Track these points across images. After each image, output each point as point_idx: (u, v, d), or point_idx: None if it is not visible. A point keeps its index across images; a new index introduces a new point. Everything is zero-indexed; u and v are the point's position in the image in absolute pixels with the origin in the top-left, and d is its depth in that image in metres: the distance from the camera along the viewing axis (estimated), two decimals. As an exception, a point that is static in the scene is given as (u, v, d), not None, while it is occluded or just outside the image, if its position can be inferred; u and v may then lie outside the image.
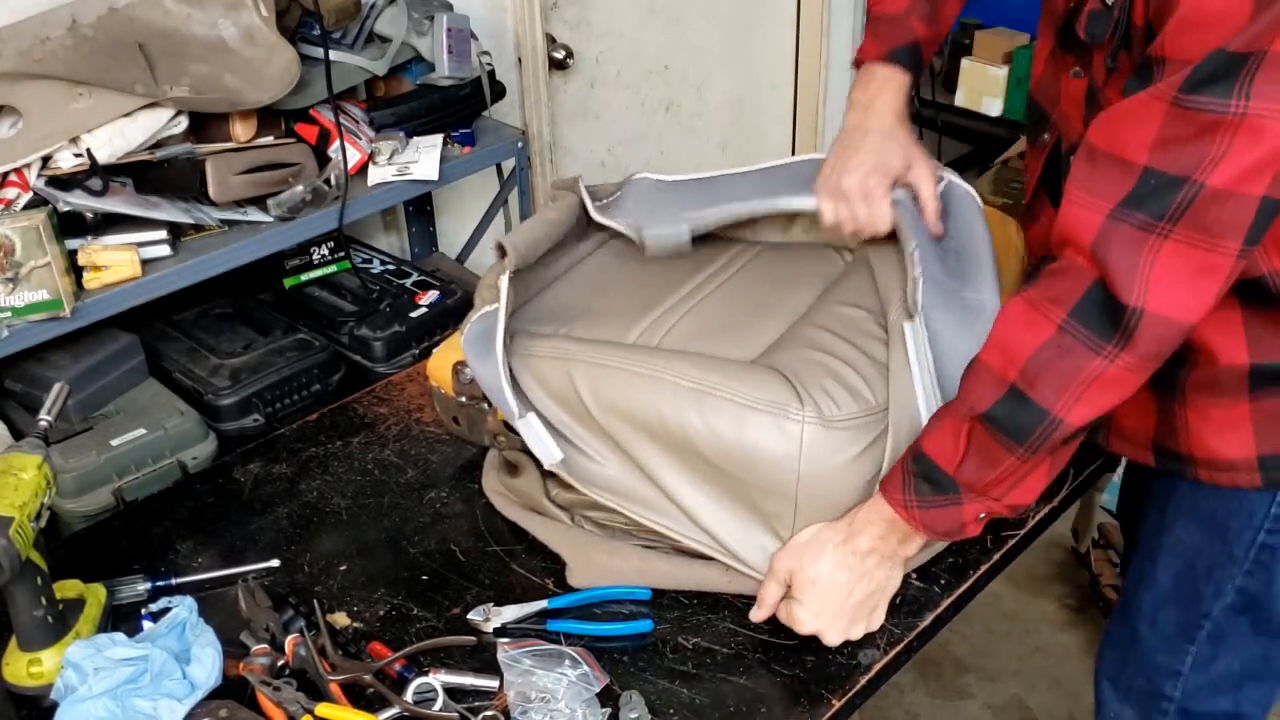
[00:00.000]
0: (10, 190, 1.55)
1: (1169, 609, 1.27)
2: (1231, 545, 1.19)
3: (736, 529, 1.14)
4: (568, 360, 1.15)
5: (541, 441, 1.14)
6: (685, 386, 1.09)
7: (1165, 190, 0.90)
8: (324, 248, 1.97)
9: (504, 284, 1.18)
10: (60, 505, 1.52)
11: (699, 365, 1.12)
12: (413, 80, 1.95)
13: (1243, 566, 1.19)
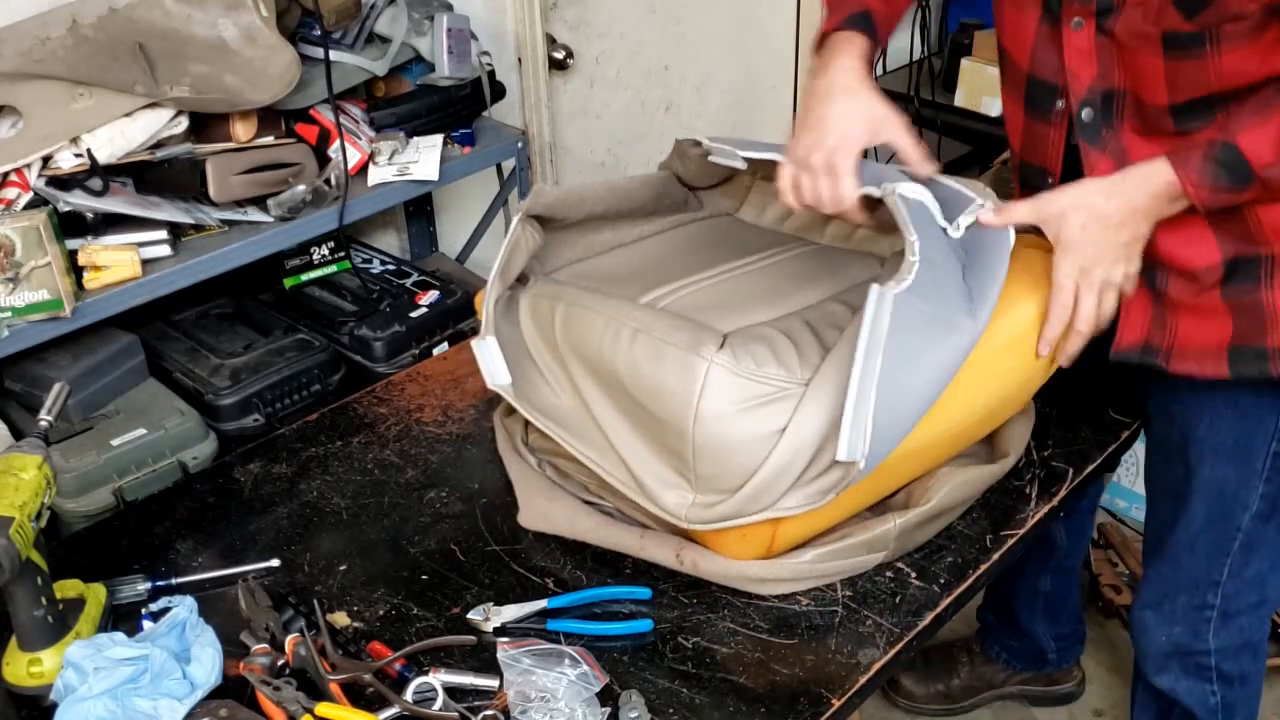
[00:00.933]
0: (10, 190, 1.55)
1: (1206, 534, 1.41)
2: (1253, 462, 1.34)
3: (649, 464, 1.16)
4: (556, 299, 1.24)
5: (490, 364, 1.24)
6: (629, 327, 1.15)
7: None
8: (324, 248, 1.97)
9: (515, 221, 1.28)
10: (60, 505, 1.52)
11: (653, 316, 1.17)
12: (413, 80, 1.96)
13: (1263, 477, 1.34)
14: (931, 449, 1.22)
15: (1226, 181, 1.13)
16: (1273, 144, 1.10)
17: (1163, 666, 1.53)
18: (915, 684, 2.01)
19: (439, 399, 1.55)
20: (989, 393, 1.22)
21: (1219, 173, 1.12)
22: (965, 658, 2.02)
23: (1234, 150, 1.12)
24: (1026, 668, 2.01)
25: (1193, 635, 1.48)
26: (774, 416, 1.08)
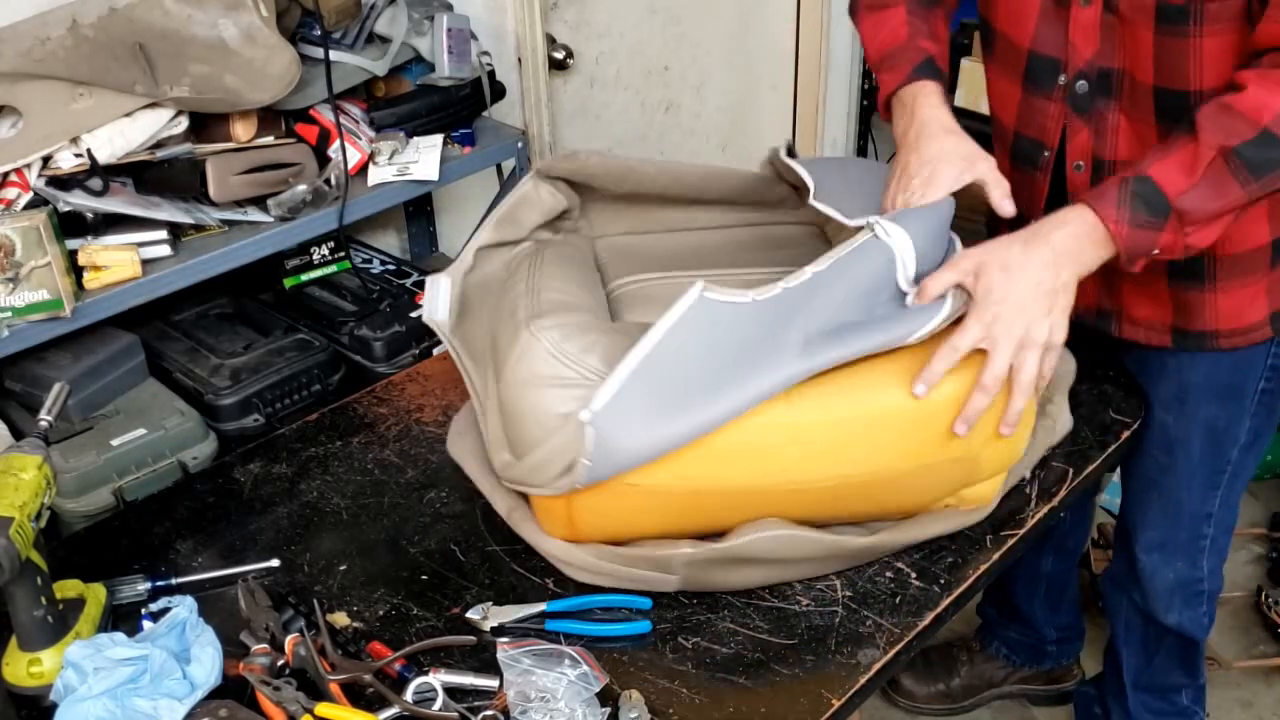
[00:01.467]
0: (10, 190, 1.55)
1: (1202, 469, 1.51)
2: (1244, 401, 1.46)
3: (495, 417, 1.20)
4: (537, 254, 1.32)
5: (433, 299, 1.30)
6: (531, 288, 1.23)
7: None
8: (324, 248, 1.97)
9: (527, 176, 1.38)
10: (60, 505, 1.52)
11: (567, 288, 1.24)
12: (413, 80, 1.95)
13: (1250, 412, 1.47)
14: (762, 495, 1.15)
15: (1145, 215, 1.14)
16: (1183, 170, 1.14)
17: (1169, 605, 1.62)
18: (915, 684, 2.01)
19: (439, 399, 1.55)
20: (849, 460, 1.13)
21: (1136, 205, 1.14)
22: (965, 656, 2.02)
23: (1148, 181, 1.14)
24: (1026, 662, 2.02)
25: (1191, 566, 1.60)
26: (568, 401, 1.09)
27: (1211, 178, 1.13)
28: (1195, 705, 1.79)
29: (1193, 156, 1.13)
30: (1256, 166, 1.12)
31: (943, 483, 1.21)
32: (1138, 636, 1.73)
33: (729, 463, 1.11)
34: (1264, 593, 2.24)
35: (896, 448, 1.14)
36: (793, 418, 1.10)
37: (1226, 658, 2.08)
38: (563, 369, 1.11)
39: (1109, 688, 1.83)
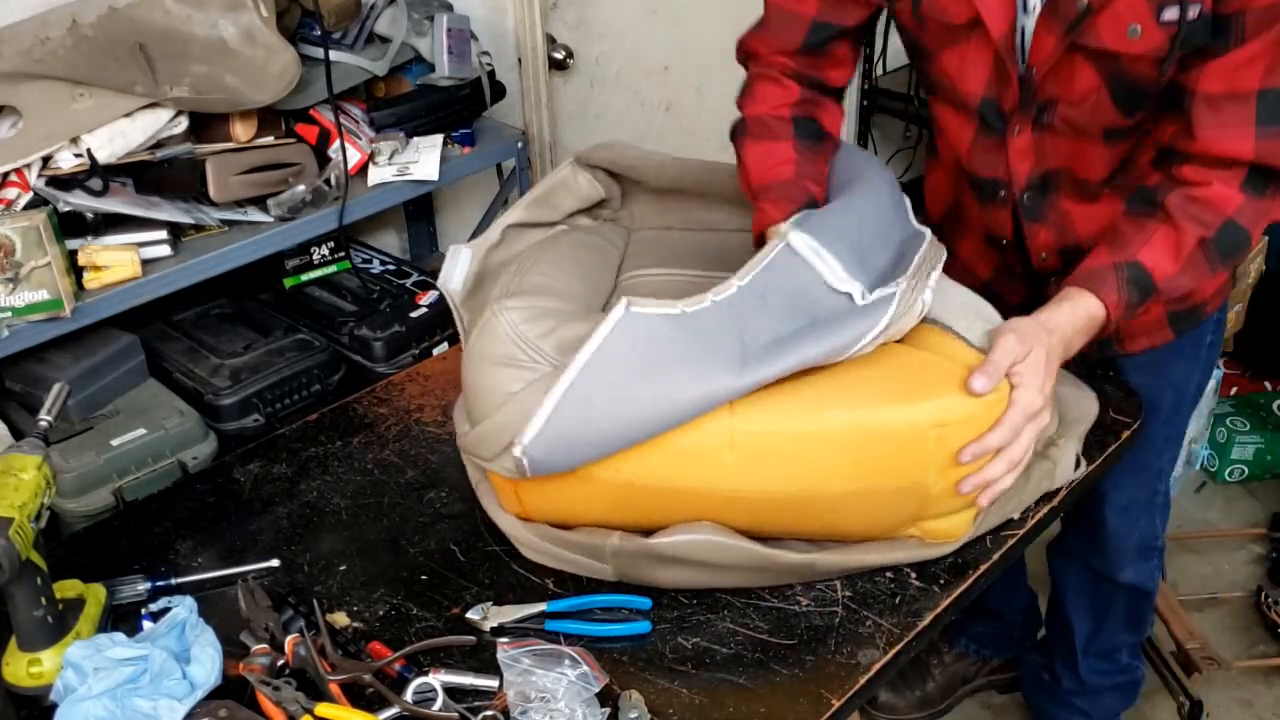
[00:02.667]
0: (10, 190, 1.55)
1: (1165, 429, 1.58)
2: (1199, 356, 1.55)
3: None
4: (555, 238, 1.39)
5: (451, 268, 1.32)
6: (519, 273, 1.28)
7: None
8: (324, 248, 1.97)
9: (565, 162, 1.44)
10: (60, 505, 1.52)
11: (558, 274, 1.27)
12: (413, 80, 1.96)
13: (1200, 366, 1.57)
14: (699, 498, 1.13)
15: (1137, 297, 1.22)
16: (1170, 257, 1.21)
17: (1128, 562, 1.70)
18: (894, 696, 2.03)
19: (439, 399, 1.55)
20: (786, 474, 1.11)
21: (1131, 290, 1.21)
22: (935, 660, 2.05)
23: (1138, 267, 1.22)
24: (996, 653, 2.06)
25: (1150, 524, 1.69)
26: (515, 382, 1.11)
27: (1192, 264, 1.22)
28: (1134, 660, 1.87)
29: (1176, 244, 1.21)
30: (1225, 253, 1.22)
31: (892, 510, 1.16)
32: (1087, 603, 1.78)
33: (664, 462, 1.11)
34: (1264, 593, 2.24)
35: (836, 468, 1.11)
36: (731, 425, 1.09)
37: (1227, 658, 2.08)
38: (516, 350, 1.12)
39: (1058, 654, 1.88)
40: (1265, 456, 2.60)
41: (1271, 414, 2.65)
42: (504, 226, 1.37)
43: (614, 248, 1.44)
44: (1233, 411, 2.64)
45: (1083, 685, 1.86)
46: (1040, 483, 1.27)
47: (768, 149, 1.35)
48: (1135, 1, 1.15)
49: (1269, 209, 1.21)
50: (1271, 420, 2.63)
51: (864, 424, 1.10)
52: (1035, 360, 1.14)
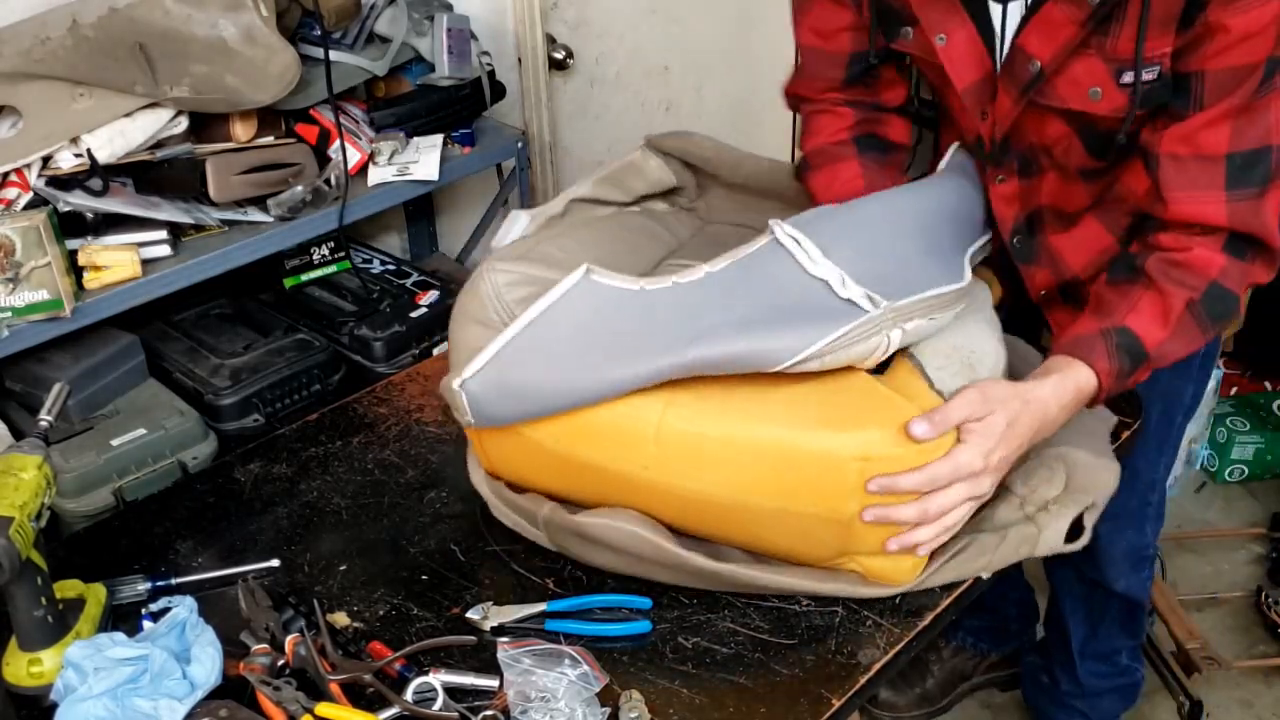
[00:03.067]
0: (10, 190, 1.55)
1: (1154, 438, 1.55)
2: (1191, 365, 1.51)
3: None
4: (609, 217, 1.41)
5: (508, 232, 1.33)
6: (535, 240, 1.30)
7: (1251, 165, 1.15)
8: (324, 248, 1.97)
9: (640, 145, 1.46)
10: (60, 505, 1.52)
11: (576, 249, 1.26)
12: (413, 80, 1.95)
13: (1194, 377, 1.57)
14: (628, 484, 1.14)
15: (1128, 365, 1.19)
16: (1158, 323, 1.19)
17: (1120, 572, 1.69)
18: (895, 695, 2.03)
19: (439, 399, 1.54)
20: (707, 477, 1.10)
21: (1122, 357, 1.18)
22: (934, 656, 2.05)
23: (1128, 333, 1.19)
24: (993, 647, 2.06)
25: (1138, 533, 1.68)
26: (481, 339, 1.12)
27: (1182, 328, 1.19)
28: (1134, 663, 1.87)
29: (1164, 309, 1.18)
30: (1215, 316, 1.20)
31: (815, 536, 1.13)
32: (1083, 607, 1.78)
33: (595, 439, 1.12)
34: (1264, 593, 2.24)
35: (756, 481, 1.09)
36: (661, 416, 1.09)
37: (1227, 658, 2.08)
38: (489, 311, 1.14)
39: (1056, 657, 1.88)
40: (1265, 456, 2.60)
41: (1271, 414, 2.65)
42: (569, 200, 1.38)
43: (670, 235, 1.43)
44: (1233, 411, 2.64)
45: (1081, 688, 1.86)
46: (1019, 547, 1.18)
47: (833, 173, 1.36)
48: (1092, 65, 1.16)
49: (1250, 271, 1.20)
50: (1271, 420, 2.63)
51: (787, 442, 1.07)
52: (992, 423, 1.08)
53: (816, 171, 1.38)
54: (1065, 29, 1.15)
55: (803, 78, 1.42)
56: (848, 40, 1.34)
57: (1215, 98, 1.13)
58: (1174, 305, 1.19)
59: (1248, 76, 1.11)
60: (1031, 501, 1.21)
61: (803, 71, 1.41)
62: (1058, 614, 1.83)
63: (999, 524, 1.19)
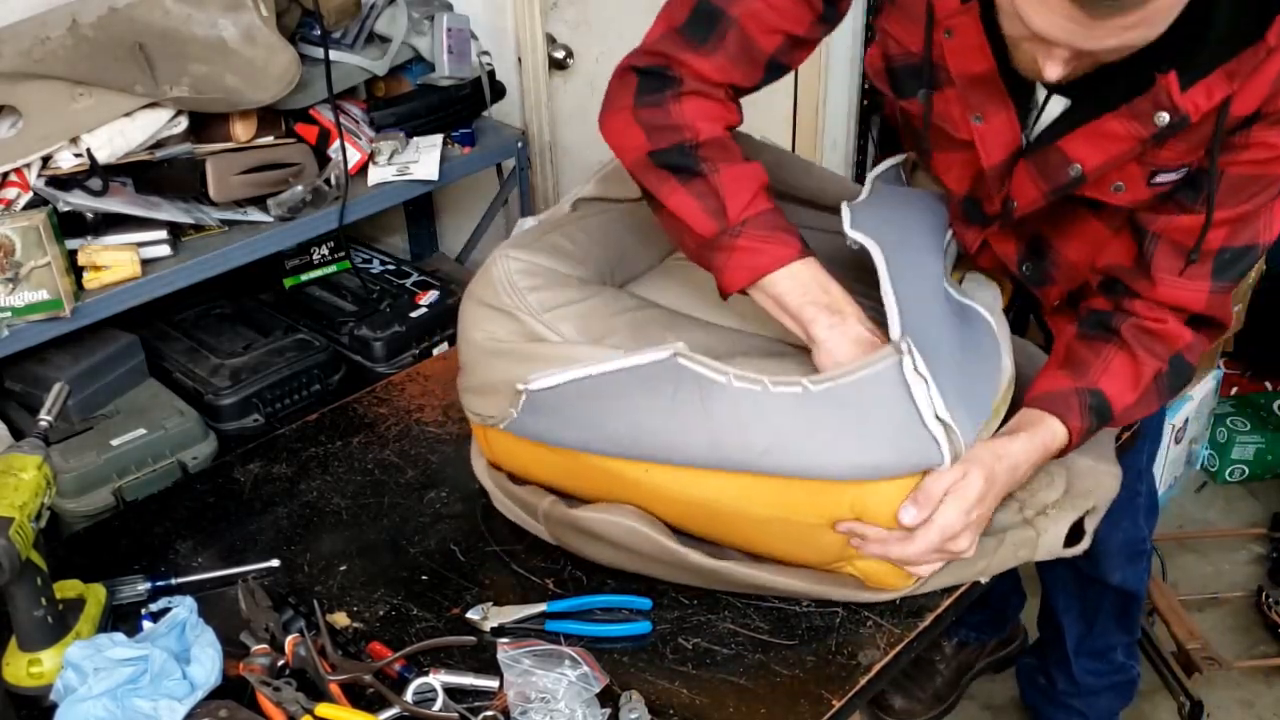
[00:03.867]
0: (10, 190, 1.55)
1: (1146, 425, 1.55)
2: None
3: None
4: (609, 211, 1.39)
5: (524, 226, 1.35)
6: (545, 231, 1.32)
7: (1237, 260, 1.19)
8: (324, 248, 1.97)
9: None
10: (60, 505, 1.52)
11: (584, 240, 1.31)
12: (413, 80, 1.95)
13: None
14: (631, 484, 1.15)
15: (1095, 424, 1.22)
16: (1129, 387, 1.22)
17: (1115, 564, 1.69)
18: (908, 700, 2.04)
19: (439, 399, 1.55)
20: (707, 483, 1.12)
21: (1092, 417, 1.21)
22: (938, 655, 2.06)
23: (1099, 395, 1.21)
24: (991, 635, 2.08)
25: (1133, 526, 1.67)
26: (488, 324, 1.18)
27: (1146, 395, 1.23)
28: (1130, 659, 1.87)
29: (1135, 375, 1.22)
30: (1174, 387, 1.25)
31: (814, 543, 1.14)
32: (1077, 604, 1.78)
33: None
34: (1264, 593, 2.24)
35: (757, 494, 1.10)
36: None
37: (1227, 658, 2.08)
38: (502, 296, 1.17)
39: (1051, 657, 1.89)
40: (1265, 456, 2.60)
41: (1271, 414, 2.65)
42: (575, 199, 1.39)
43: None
44: (1233, 411, 2.64)
45: (1078, 686, 1.86)
46: (1017, 551, 1.20)
47: (745, 173, 1.16)
48: (1129, 169, 1.16)
49: (1204, 345, 1.25)
50: (1271, 420, 2.63)
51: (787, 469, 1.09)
52: (969, 484, 1.09)
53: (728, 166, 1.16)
54: (1122, 144, 1.13)
55: (711, 57, 1.18)
56: (775, 42, 1.19)
57: (1230, 200, 1.14)
58: (1144, 373, 1.22)
59: (1267, 187, 1.14)
60: (1031, 505, 1.21)
61: (716, 50, 1.17)
62: (1051, 612, 1.83)
63: (998, 528, 1.19)
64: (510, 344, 1.18)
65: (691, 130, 1.16)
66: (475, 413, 1.24)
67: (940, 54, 1.17)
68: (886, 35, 1.24)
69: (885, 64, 1.26)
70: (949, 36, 1.14)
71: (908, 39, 1.21)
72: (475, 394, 1.24)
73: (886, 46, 1.25)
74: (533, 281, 1.18)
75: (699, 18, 1.19)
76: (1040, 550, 1.20)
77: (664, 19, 1.25)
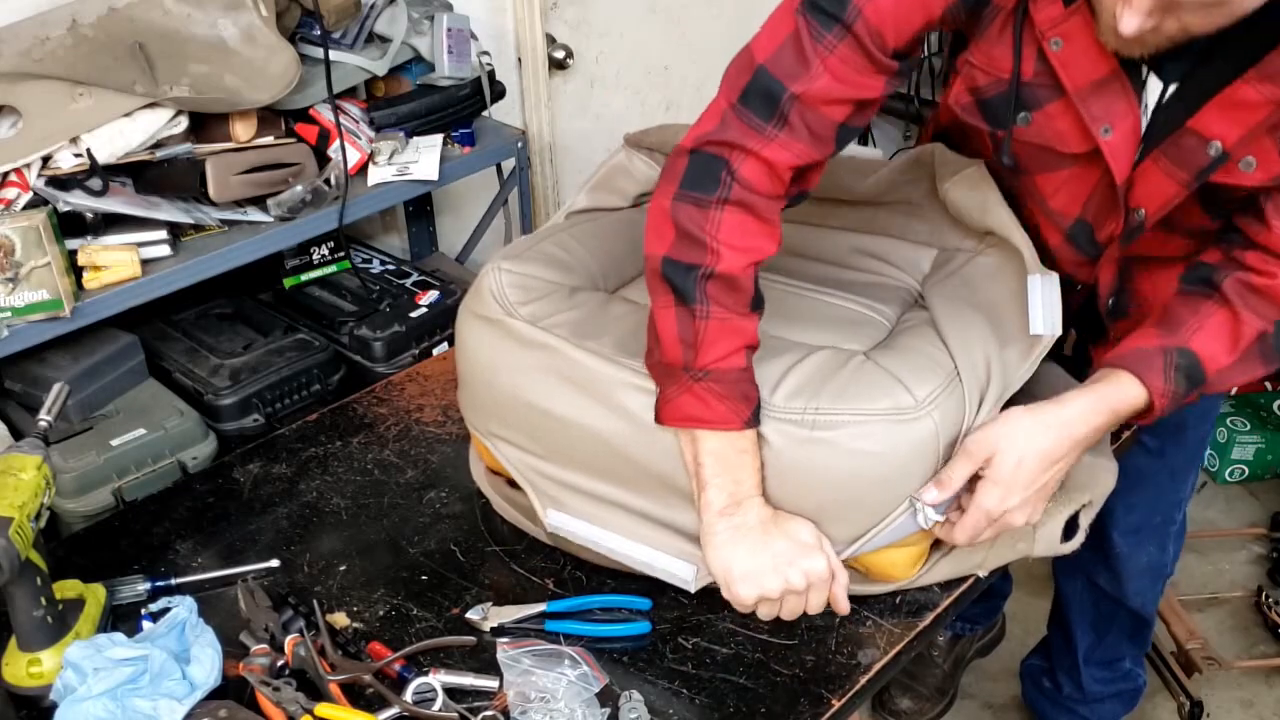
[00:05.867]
0: (10, 190, 1.55)
1: (1185, 450, 1.54)
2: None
3: None
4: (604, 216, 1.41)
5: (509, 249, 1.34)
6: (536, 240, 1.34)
7: None
8: (324, 248, 1.97)
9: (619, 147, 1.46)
10: (60, 505, 1.52)
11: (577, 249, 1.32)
12: (413, 80, 1.95)
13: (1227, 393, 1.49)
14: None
15: (1185, 387, 1.13)
16: (1226, 348, 1.13)
17: (1137, 587, 1.67)
18: (914, 700, 2.04)
19: (439, 399, 1.55)
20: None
21: (1179, 380, 1.12)
22: (936, 652, 2.05)
23: (1190, 355, 1.13)
24: (981, 623, 2.09)
25: (1160, 551, 1.65)
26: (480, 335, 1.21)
27: (1247, 357, 1.14)
28: (1137, 667, 1.87)
29: (1235, 334, 1.13)
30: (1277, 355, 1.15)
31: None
32: (1090, 616, 1.77)
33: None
34: (1264, 593, 2.24)
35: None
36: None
37: (1227, 658, 2.08)
38: (493, 307, 1.20)
39: (1059, 662, 1.88)
40: (1265, 456, 2.60)
41: (1271, 414, 2.65)
42: (569, 212, 1.40)
43: None
44: (1233, 411, 2.64)
45: (1084, 693, 1.86)
46: (1016, 545, 1.19)
47: (730, 327, 1.08)
48: (1261, 141, 1.07)
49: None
50: (1271, 420, 2.63)
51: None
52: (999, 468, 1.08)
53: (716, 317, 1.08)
54: (1259, 111, 1.05)
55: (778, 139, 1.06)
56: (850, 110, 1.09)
57: None
58: (1245, 333, 1.13)
59: None
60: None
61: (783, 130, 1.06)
62: (1064, 620, 1.82)
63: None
64: (506, 356, 1.18)
65: (714, 256, 1.06)
66: (475, 426, 1.26)
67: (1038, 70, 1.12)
68: (972, 68, 1.18)
69: (974, 98, 1.21)
70: (1057, 48, 1.09)
71: (998, 65, 1.15)
72: (474, 407, 1.25)
73: (973, 80, 1.19)
74: (525, 295, 1.20)
75: (757, 94, 1.07)
76: (1039, 546, 1.19)
77: (723, 92, 1.11)
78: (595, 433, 1.14)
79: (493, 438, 1.24)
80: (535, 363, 1.16)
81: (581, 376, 1.14)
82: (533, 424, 1.18)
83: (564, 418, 1.15)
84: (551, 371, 1.15)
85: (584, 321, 1.18)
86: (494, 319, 1.19)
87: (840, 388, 1.10)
